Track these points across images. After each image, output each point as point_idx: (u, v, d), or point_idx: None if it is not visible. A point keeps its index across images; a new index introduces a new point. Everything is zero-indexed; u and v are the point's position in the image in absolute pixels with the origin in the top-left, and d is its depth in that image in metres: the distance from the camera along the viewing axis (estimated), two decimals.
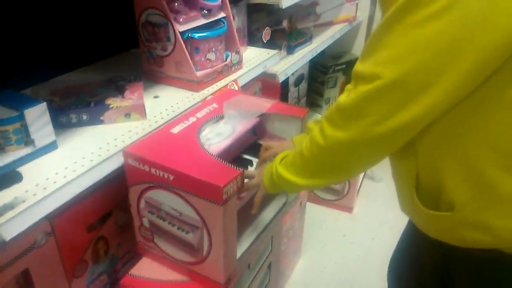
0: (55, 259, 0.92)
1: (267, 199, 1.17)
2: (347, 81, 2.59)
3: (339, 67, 2.47)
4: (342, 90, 2.62)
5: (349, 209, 2.17)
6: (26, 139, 0.88)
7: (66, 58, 1.30)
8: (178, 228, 0.94)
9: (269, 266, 1.33)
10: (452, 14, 0.58)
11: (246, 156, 1.14)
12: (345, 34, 2.31)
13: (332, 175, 0.80)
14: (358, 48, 2.59)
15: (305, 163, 0.80)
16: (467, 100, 0.65)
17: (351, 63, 2.52)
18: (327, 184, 0.84)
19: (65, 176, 0.84)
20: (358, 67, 0.68)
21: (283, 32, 1.78)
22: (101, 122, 1.04)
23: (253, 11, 1.65)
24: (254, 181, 0.94)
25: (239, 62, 1.36)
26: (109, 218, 1.04)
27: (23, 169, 0.86)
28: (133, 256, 1.13)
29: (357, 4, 2.28)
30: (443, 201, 0.75)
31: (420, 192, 0.78)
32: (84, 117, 1.03)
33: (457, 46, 0.59)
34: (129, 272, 1.01)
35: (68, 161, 0.89)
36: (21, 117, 0.86)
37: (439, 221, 0.76)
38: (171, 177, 0.87)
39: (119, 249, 1.11)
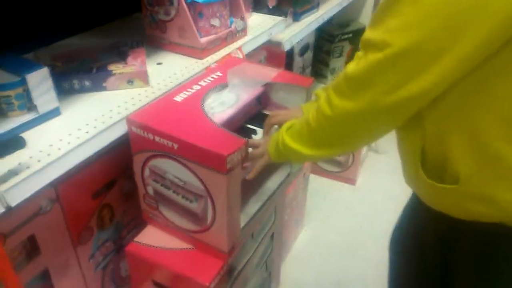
0: (60, 225, 0.93)
1: (271, 169, 1.16)
2: (354, 51, 2.53)
3: (346, 36, 2.42)
4: (348, 60, 2.58)
5: (352, 181, 2.17)
6: (28, 104, 0.87)
7: (68, 22, 1.27)
8: (183, 197, 0.94)
9: (272, 236, 1.35)
10: None
11: (250, 126, 1.12)
12: (353, 2, 2.24)
13: (339, 145, 0.79)
14: (365, 16, 2.52)
15: (311, 133, 0.79)
16: (477, 71, 0.63)
17: (358, 32, 2.46)
18: (333, 155, 0.84)
19: (69, 143, 0.83)
20: (368, 34, 0.66)
21: None
22: (104, 88, 1.02)
23: None
24: (259, 151, 0.93)
25: (244, 29, 1.33)
26: (114, 186, 1.04)
27: (26, 135, 0.85)
28: (139, 224, 1.14)
29: None
30: (448, 174, 0.74)
31: (426, 164, 0.77)
32: (87, 83, 1.01)
33: (470, 12, 0.57)
34: (134, 240, 1.02)
35: (71, 128, 0.88)
36: (23, 82, 0.84)
37: (443, 193, 0.76)
38: (175, 146, 0.86)
39: (124, 216, 1.11)
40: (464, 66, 0.62)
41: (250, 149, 0.94)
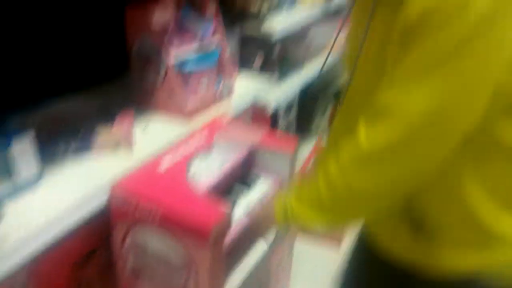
0: None
1: (254, 238, 1.13)
2: (336, 109, 2.60)
3: (330, 95, 2.48)
4: (332, 118, 2.63)
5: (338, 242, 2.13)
6: (8, 171, 0.83)
7: (55, 85, 1.26)
8: (164, 269, 0.89)
9: None
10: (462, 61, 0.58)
11: (238, 187, 1.10)
12: (335, 62, 2.32)
13: (351, 214, 0.78)
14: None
15: (322, 203, 0.76)
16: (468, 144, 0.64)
17: (340, 92, 2.53)
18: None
19: (46, 216, 0.79)
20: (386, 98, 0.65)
21: (275, 60, 1.78)
22: (90, 153, 1.00)
23: (246, 38, 1.65)
24: (261, 216, 0.88)
25: (230, 91, 1.34)
26: (92, 259, 0.99)
27: (3, 206, 0.81)
28: None
29: None
30: (426, 225, 0.75)
31: (402, 215, 0.77)
32: (72, 148, 0.98)
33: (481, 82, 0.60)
34: None
35: (50, 199, 0.84)
36: (5, 147, 0.81)
37: (415, 244, 0.76)
38: (157, 216, 0.83)
39: None
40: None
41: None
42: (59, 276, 0.90)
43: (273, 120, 2.03)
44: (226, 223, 0.82)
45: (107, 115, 1.10)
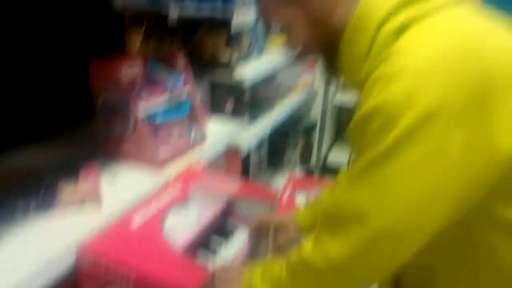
0: None
1: None
2: (306, 144, 2.62)
3: (299, 131, 2.52)
4: (303, 151, 2.65)
5: None
6: None
7: (13, 133, 1.19)
8: None
9: None
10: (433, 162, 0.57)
11: (216, 238, 1.06)
12: (305, 101, 2.36)
13: None
14: (315, 112, 2.66)
15: None
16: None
17: (310, 127, 2.57)
18: None
19: (4, 284, 0.72)
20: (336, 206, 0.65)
21: (246, 103, 1.78)
22: (52, 211, 0.93)
23: (217, 85, 1.65)
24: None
25: (203, 138, 1.32)
26: None
27: None
28: None
29: (314, 73, 2.37)
30: None
31: None
32: (32, 206, 0.92)
33: (438, 194, 0.58)
34: None
35: (7, 264, 0.77)
36: None
37: None
38: (131, 280, 0.78)
39: None
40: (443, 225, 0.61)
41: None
42: None
43: (245, 159, 2.01)
44: (207, 286, 0.77)
45: (71, 168, 1.05)
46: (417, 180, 0.56)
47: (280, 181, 2.37)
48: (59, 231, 0.88)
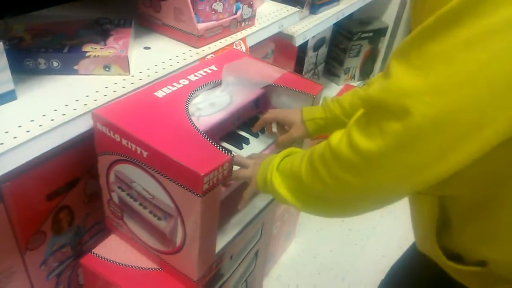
0: (4, 229, 0.79)
1: None
2: (372, 51, 2.35)
3: (366, 35, 2.24)
4: (365, 60, 2.39)
5: None
6: None
7: None
8: (150, 212, 0.79)
9: (256, 253, 1.20)
10: None
11: (243, 133, 0.97)
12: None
13: (330, 212, 0.66)
14: (389, 16, 2.33)
15: (302, 189, 0.64)
16: None
17: (379, 32, 2.28)
18: (325, 216, 0.69)
19: (15, 137, 0.69)
20: (379, 92, 0.48)
21: None
22: (75, 72, 0.87)
23: None
24: (246, 174, 0.78)
25: (251, 18, 1.16)
26: (75, 186, 0.90)
27: None
28: (103, 228, 1.00)
29: None
30: (472, 253, 0.60)
31: (442, 238, 0.64)
32: (55, 63, 0.85)
33: None
34: (92, 251, 0.87)
35: (24, 118, 0.73)
36: None
37: (466, 273, 0.62)
38: (145, 154, 0.71)
39: (86, 219, 0.97)
40: (505, 137, 0.45)
41: (236, 167, 0.79)
42: (32, 205, 0.82)
43: (300, 54, 1.84)
44: (224, 170, 0.70)
45: (102, 31, 0.96)
46: (495, 52, 0.41)
47: (334, 92, 2.19)
48: (79, 92, 0.82)
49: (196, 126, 0.76)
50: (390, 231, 1.80)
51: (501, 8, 0.40)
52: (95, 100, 0.80)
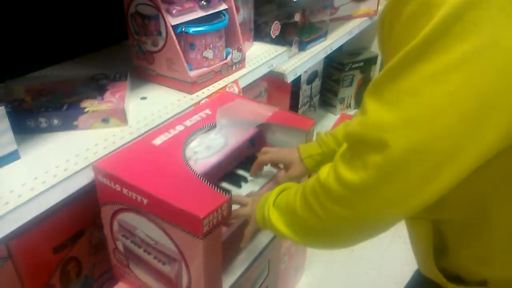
0: (13, 285, 0.81)
1: None
2: (364, 80, 2.41)
3: (357, 65, 2.30)
4: (359, 89, 2.44)
5: None
6: None
7: (49, 50, 1.17)
8: (155, 258, 0.81)
9: None
10: (485, 59, 0.43)
11: (241, 172, 0.99)
12: (364, 30, 2.12)
13: (328, 244, 0.67)
14: (377, 45, 2.40)
15: (299, 223, 0.66)
16: None
17: (369, 61, 2.34)
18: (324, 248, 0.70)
19: (19, 196, 0.71)
20: (358, 127, 0.51)
21: (295, 27, 1.62)
22: (75, 127, 0.91)
23: (262, 2, 1.50)
24: (245, 212, 0.80)
25: (241, 61, 1.21)
26: (81, 237, 0.92)
27: None
28: (111, 277, 1.00)
29: None
30: (472, 274, 0.61)
31: (441, 261, 0.65)
32: (55, 121, 0.90)
33: (492, 101, 0.44)
34: None
35: (27, 177, 0.76)
36: None
37: None
38: (145, 201, 0.74)
39: (94, 269, 0.98)
40: (484, 159, 0.48)
41: (236, 206, 0.81)
42: (40, 260, 0.83)
43: (294, 89, 1.89)
44: (223, 211, 0.72)
45: (98, 87, 1.00)
46: (460, 84, 0.43)
47: (331, 123, 2.23)
48: (80, 146, 0.85)
49: (193, 170, 0.79)
50: (401, 255, 1.78)
51: (460, 43, 0.43)
52: (95, 153, 0.83)
